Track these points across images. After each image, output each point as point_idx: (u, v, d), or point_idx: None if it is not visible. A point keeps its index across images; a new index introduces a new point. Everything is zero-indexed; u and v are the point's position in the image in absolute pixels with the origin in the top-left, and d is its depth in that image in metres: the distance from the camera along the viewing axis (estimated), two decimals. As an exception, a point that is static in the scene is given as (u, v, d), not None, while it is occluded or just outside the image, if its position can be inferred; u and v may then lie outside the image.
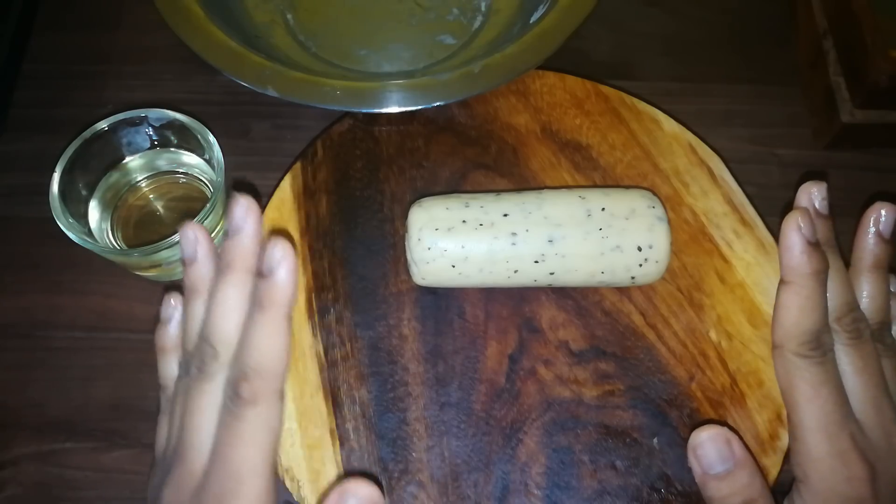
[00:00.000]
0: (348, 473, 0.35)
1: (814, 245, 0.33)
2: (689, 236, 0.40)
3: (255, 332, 0.30)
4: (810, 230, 0.34)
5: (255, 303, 0.30)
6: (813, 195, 0.36)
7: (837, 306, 0.34)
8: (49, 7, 0.50)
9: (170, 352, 0.35)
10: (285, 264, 0.30)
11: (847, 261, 0.36)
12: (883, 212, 0.35)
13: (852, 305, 0.34)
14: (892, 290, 0.36)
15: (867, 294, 0.35)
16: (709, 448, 0.33)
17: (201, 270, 0.32)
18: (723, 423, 0.35)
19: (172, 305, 0.35)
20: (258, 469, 0.29)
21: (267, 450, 0.29)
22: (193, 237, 0.32)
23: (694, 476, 0.34)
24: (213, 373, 0.30)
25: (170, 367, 0.34)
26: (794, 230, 0.33)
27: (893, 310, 0.35)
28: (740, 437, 0.33)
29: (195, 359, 0.31)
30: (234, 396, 0.29)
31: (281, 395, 0.30)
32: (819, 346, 0.33)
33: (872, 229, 0.35)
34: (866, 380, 0.33)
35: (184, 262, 0.33)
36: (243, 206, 0.31)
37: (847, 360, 0.33)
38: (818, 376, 0.32)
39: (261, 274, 0.30)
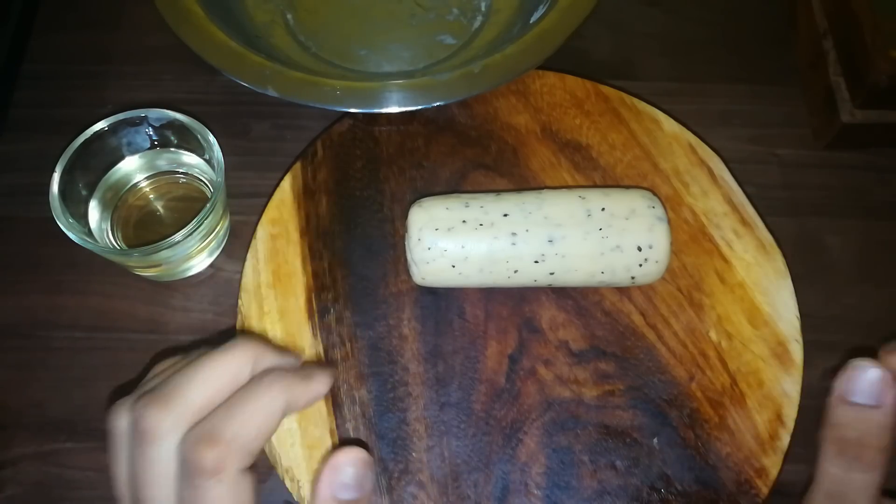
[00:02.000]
0: (334, 446, 0.33)
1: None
2: (689, 236, 0.40)
3: (253, 400, 0.27)
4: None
5: (267, 382, 0.27)
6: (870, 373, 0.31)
7: None
8: (49, 7, 0.50)
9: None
10: (325, 384, 0.29)
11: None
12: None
13: None
14: None
15: None
16: (864, 376, 0.29)
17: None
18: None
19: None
20: None
21: None
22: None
23: (830, 396, 0.30)
24: (160, 433, 0.26)
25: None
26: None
27: None
28: None
29: (136, 413, 0.27)
30: (194, 465, 0.25)
31: (248, 471, 0.26)
32: None
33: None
34: None
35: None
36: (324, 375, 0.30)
37: None
38: None
39: (302, 371, 0.29)
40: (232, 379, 0.27)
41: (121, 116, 0.39)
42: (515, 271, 0.36)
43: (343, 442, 0.33)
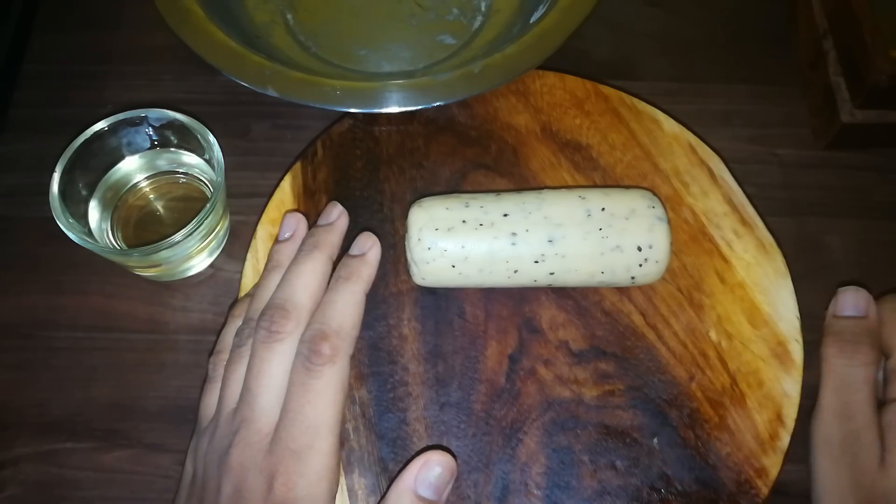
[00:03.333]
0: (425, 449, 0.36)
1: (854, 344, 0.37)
2: (689, 236, 0.40)
3: (338, 297, 0.33)
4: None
5: (341, 276, 0.34)
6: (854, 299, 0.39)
7: None
8: (49, 7, 0.50)
9: (238, 318, 0.36)
10: (375, 249, 0.36)
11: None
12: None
13: None
14: None
15: None
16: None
17: (290, 248, 0.36)
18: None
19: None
20: (332, 425, 0.31)
21: (339, 408, 0.31)
22: (297, 218, 0.38)
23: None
24: (285, 334, 0.32)
25: (231, 334, 0.35)
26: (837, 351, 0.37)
27: None
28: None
29: (264, 321, 0.33)
30: (313, 354, 0.31)
31: (350, 359, 0.33)
32: None
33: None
34: None
35: (278, 239, 0.37)
36: (339, 208, 0.37)
37: None
38: None
39: (349, 254, 0.36)
40: (323, 278, 0.34)
41: (121, 116, 0.39)
42: (515, 271, 0.36)
43: (435, 447, 0.35)
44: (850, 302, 0.37)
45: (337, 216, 0.37)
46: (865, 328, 0.36)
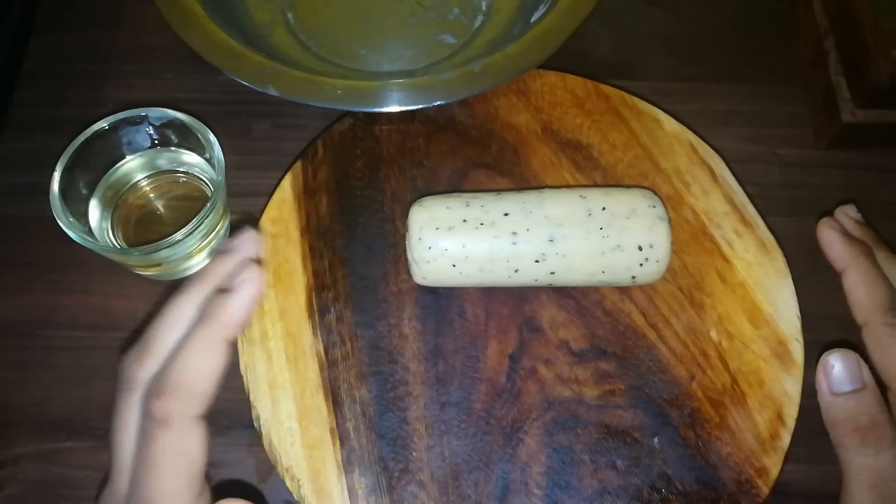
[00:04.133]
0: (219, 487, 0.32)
1: (850, 235, 0.36)
2: (690, 236, 0.40)
3: (188, 346, 0.28)
4: (842, 226, 0.37)
5: (201, 317, 0.29)
6: (846, 208, 0.39)
7: None
8: (49, 6, 0.50)
9: None
10: (249, 287, 0.29)
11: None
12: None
13: None
14: None
15: None
16: (839, 367, 0.33)
17: (222, 266, 0.31)
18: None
19: None
20: (173, 499, 0.27)
21: (182, 478, 0.27)
22: (253, 239, 0.32)
23: (819, 398, 0.33)
24: (136, 382, 0.28)
25: None
26: (829, 228, 0.37)
27: None
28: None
29: (123, 364, 0.29)
30: (147, 414, 0.27)
31: (199, 421, 0.28)
32: None
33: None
34: None
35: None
36: (247, 237, 0.31)
37: None
38: None
39: (221, 289, 0.29)
40: (192, 319, 0.29)
41: (121, 115, 0.39)
42: (516, 271, 0.36)
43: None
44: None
45: (238, 244, 0.31)
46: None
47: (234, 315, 0.29)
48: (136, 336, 0.30)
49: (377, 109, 0.40)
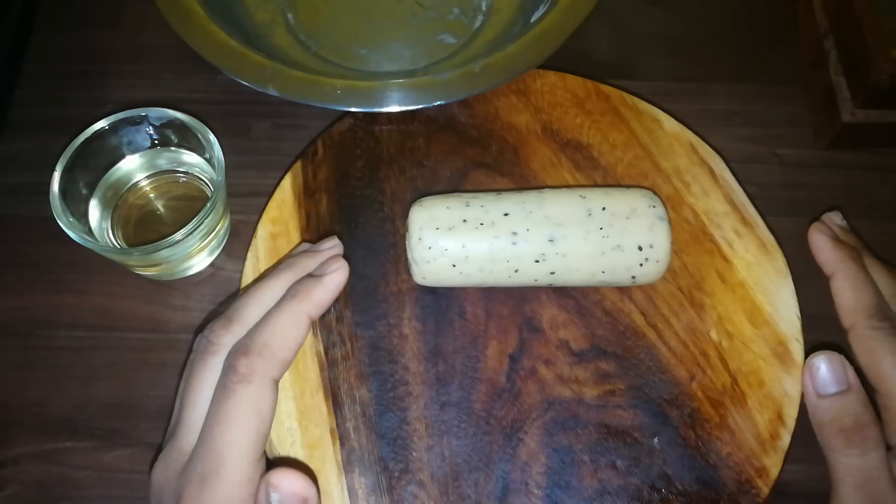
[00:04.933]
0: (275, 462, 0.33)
1: (839, 239, 0.37)
2: (690, 236, 0.40)
3: (276, 315, 0.31)
4: (831, 230, 0.37)
5: (289, 293, 0.32)
6: (831, 215, 0.40)
7: (890, 294, 0.36)
8: (49, 6, 0.50)
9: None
10: (338, 274, 0.33)
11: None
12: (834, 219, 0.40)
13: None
14: None
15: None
16: (824, 369, 0.34)
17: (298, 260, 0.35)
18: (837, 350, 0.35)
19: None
20: (241, 453, 0.28)
21: (253, 435, 0.29)
22: (334, 242, 0.36)
23: (806, 401, 0.35)
24: (220, 345, 0.31)
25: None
26: (818, 232, 0.37)
27: None
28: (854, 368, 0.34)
29: (207, 330, 0.32)
30: (230, 370, 0.29)
31: (276, 385, 0.30)
32: (887, 317, 0.34)
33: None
34: None
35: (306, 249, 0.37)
36: (334, 242, 0.36)
37: None
38: None
39: (311, 272, 0.33)
40: (278, 297, 0.32)
41: (121, 115, 0.39)
42: (516, 271, 0.36)
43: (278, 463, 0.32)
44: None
45: (329, 247, 0.36)
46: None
47: (322, 295, 0.32)
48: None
49: (377, 109, 0.40)
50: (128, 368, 0.39)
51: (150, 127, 0.40)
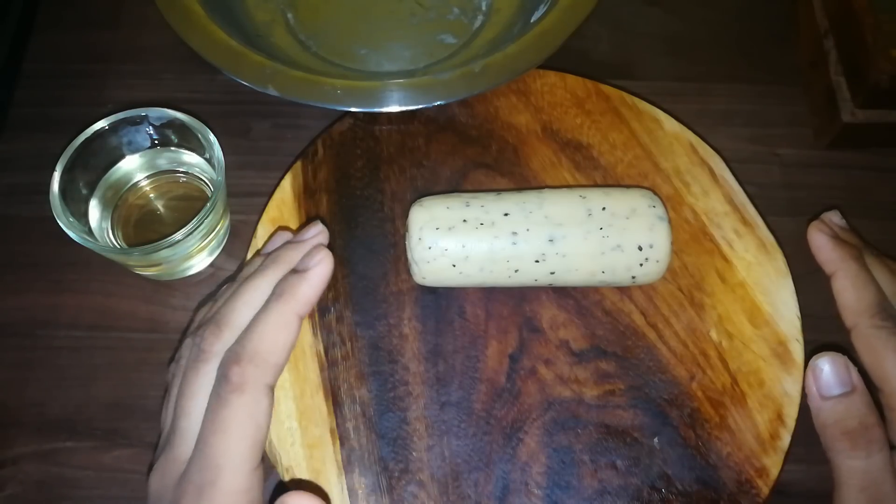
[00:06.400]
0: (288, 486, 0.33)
1: (840, 238, 0.36)
2: (690, 236, 0.40)
3: (264, 319, 0.30)
4: (831, 229, 0.37)
5: (275, 293, 0.31)
6: (830, 215, 0.39)
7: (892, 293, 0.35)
8: (49, 6, 0.50)
9: (196, 323, 0.35)
10: (322, 266, 0.32)
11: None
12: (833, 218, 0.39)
13: None
14: None
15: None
16: (828, 370, 0.33)
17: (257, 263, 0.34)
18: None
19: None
20: (237, 462, 0.28)
21: (249, 444, 0.28)
22: (283, 237, 0.36)
23: (810, 402, 0.33)
24: (211, 353, 0.30)
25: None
26: (819, 231, 0.36)
27: None
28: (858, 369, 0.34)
29: (197, 337, 0.31)
30: (223, 379, 0.29)
31: (270, 391, 0.30)
32: (890, 316, 0.33)
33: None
34: None
35: (259, 251, 0.36)
36: (319, 228, 0.35)
37: None
38: None
39: (294, 270, 0.32)
40: (265, 299, 0.31)
41: (121, 115, 0.39)
42: (516, 271, 0.36)
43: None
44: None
45: (312, 235, 0.35)
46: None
47: (307, 292, 0.31)
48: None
49: (377, 109, 0.40)
50: (128, 368, 0.39)
51: (150, 127, 0.40)
